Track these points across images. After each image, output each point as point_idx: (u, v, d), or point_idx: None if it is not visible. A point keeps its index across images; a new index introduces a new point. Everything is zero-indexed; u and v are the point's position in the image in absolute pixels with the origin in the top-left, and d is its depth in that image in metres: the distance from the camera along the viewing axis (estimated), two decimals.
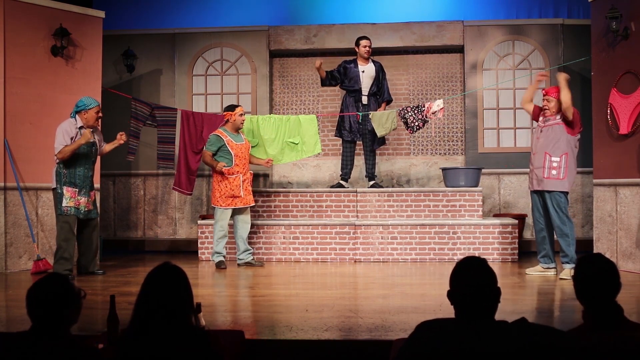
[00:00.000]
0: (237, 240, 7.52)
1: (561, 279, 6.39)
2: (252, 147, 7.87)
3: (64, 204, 6.62)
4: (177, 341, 2.41)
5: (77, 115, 6.70)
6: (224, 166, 7.23)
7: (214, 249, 7.41)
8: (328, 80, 8.42)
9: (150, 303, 2.46)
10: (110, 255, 8.62)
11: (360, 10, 9.99)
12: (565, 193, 6.48)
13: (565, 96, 6.37)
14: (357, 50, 8.43)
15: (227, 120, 7.43)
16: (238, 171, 7.33)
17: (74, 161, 6.64)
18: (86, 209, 6.77)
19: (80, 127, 6.68)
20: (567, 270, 6.40)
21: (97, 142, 6.88)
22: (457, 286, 2.49)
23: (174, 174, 8.60)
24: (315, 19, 9.86)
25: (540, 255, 6.72)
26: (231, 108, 7.46)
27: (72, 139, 6.61)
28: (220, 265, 7.32)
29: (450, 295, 2.51)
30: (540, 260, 6.71)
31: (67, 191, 6.63)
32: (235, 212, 7.45)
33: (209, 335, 2.54)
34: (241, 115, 7.41)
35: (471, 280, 2.46)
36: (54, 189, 6.71)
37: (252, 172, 7.59)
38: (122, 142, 7.04)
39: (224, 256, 7.42)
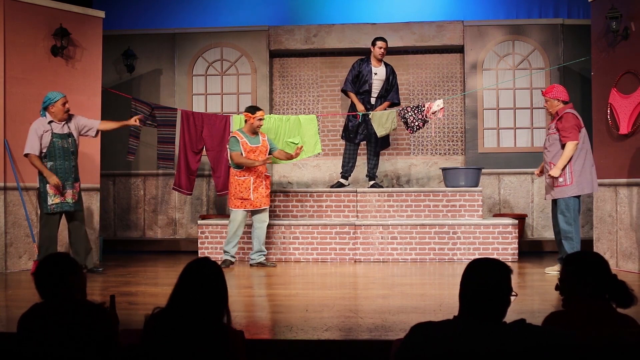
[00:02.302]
0: (253, 239, 7.51)
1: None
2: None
3: (49, 202, 6.65)
4: (205, 336, 2.46)
5: (46, 112, 6.76)
6: (267, 160, 7.27)
7: (224, 247, 7.43)
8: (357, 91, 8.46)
9: (187, 294, 2.52)
10: (110, 255, 8.62)
11: (360, 10, 9.99)
12: (576, 197, 6.49)
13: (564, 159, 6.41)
14: (372, 50, 8.40)
15: (246, 121, 7.38)
16: (249, 174, 7.28)
17: (53, 156, 6.70)
18: (73, 201, 6.81)
19: (50, 122, 6.72)
20: None
21: (72, 132, 6.87)
22: (471, 282, 2.47)
23: (174, 174, 8.61)
24: (315, 19, 9.86)
25: (559, 257, 6.77)
26: (252, 110, 7.35)
27: (41, 137, 6.67)
28: (225, 264, 7.27)
29: (462, 287, 2.48)
30: (559, 262, 6.76)
31: (50, 189, 6.65)
32: (254, 212, 7.42)
33: (231, 333, 2.59)
34: (260, 119, 7.32)
35: (487, 281, 2.45)
36: (37, 189, 6.75)
37: (268, 174, 7.48)
38: (135, 123, 7.20)
39: (232, 256, 7.37)
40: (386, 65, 8.46)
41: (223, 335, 2.52)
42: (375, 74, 8.36)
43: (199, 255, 8.21)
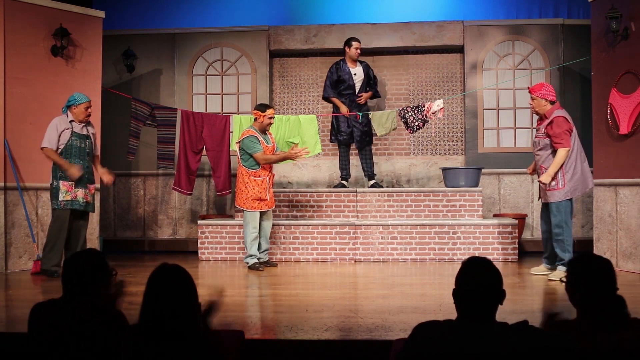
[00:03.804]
0: (260, 239, 7.34)
1: (550, 280, 6.33)
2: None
3: (60, 198, 6.67)
4: (181, 343, 2.41)
5: (68, 111, 6.80)
6: (297, 154, 7.16)
7: (248, 252, 7.18)
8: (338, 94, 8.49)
9: (153, 305, 2.46)
10: (110, 255, 8.61)
11: (360, 10, 10.00)
12: (568, 200, 6.38)
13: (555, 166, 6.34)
14: (347, 51, 8.44)
15: (255, 119, 7.26)
16: (265, 174, 7.20)
17: (69, 154, 6.73)
18: (84, 201, 6.82)
19: (71, 121, 6.76)
20: (558, 272, 6.31)
21: (90, 135, 6.93)
22: (462, 285, 2.48)
23: (174, 174, 8.61)
24: (315, 19, 9.86)
25: (544, 256, 6.70)
26: (262, 108, 7.21)
27: (60, 133, 6.71)
28: (257, 268, 7.13)
29: (455, 293, 2.50)
30: (543, 261, 6.70)
31: (63, 185, 6.68)
32: (261, 212, 7.32)
33: (212, 337, 2.54)
34: (270, 118, 7.20)
35: (477, 279, 2.45)
36: (50, 184, 6.76)
37: (273, 173, 7.46)
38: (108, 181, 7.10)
39: (258, 258, 7.28)
40: (360, 62, 8.51)
41: (201, 342, 2.46)
42: (355, 74, 8.41)
43: (199, 255, 8.21)
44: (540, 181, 6.40)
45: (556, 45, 9.15)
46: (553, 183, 6.35)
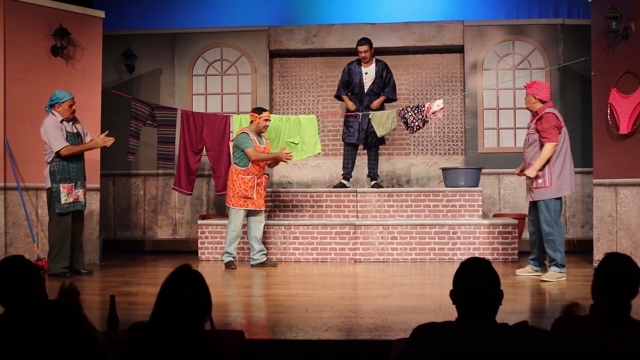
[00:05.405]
0: (250, 241, 7.42)
1: (542, 280, 6.30)
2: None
3: (63, 202, 6.65)
4: (188, 344, 2.42)
5: (52, 110, 6.73)
6: (287, 154, 7.30)
7: (225, 249, 7.33)
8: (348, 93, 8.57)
9: (167, 305, 2.46)
10: (110, 255, 8.62)
11: (360, 10, 10.00)
12: (557, 199, 6.29)
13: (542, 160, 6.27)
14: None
15: (252, 122, 7.38)
16: (253, 173, 7.28)
17: (67, 155, 6.71)
18: (84, 200, 6.86)
19: (62, 121, 6.71)
20: (551, 273, 6.29)
21: (81, 132, 6.91)
22: (459, 286, 2.48)
23: (174, 174, 8.60)
24: (315, 19, 9.86)
25: (530, 258, 6.63)
26: (258, 111, 7.39)
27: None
28: (230, 266, 7.26)
29: (453, 294, 2.50)
30: (530, 263, 6.62)
31: (63, 188, 6.66)
32: (250, 213, 7.38)
33: (212, 337, 2.55)
34: (266, 120, 7.34)
35: (474, 281, 2.45)
36: (48, 189, 6.73)
37: (267, 175, 7.54)
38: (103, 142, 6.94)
39: (234, 257, 7.36)
40: (377, 62, 8.51)
41: (202, 342, 2.45)
42: (366, 73, 8.44)
43: (199, 255, 8.21)
44: (525, 174, 6.34)
45: (556, 45, 9.15)
46: (540, 181, 6.28)
